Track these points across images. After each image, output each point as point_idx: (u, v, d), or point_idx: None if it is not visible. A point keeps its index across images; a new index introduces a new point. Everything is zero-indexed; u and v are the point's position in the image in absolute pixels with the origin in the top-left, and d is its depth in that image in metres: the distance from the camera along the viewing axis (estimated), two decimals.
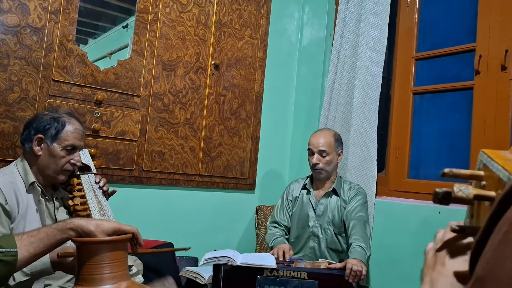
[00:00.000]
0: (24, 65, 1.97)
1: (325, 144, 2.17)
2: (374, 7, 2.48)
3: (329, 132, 2.25)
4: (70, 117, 1.58)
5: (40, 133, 1.50)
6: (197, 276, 1.99)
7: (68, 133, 1.53)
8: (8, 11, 1.93)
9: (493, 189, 0.50)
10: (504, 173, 0.47)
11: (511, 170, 0.47)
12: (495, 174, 0.50)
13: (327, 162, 2.17)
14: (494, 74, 2.08)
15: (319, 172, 2.19)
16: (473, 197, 0.51)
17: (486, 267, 0.38)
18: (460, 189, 0.52)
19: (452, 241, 0.59)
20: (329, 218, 2.19)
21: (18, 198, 1.43)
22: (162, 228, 2.36)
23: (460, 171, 0.55)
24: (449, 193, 0.52)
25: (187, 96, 2.49)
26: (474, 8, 2.21)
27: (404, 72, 2.51)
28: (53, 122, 1.52)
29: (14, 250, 1.07)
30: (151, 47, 2.35)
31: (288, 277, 1.77)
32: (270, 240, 2.21)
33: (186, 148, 2.49)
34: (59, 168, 1.52)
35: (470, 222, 0.59)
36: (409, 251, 2.18)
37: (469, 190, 0.51)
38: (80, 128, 1.58)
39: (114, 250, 1.07)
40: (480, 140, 2.09)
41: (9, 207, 1.39)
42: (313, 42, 2.95)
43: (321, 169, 2.18)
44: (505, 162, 0.50)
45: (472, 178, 0.57)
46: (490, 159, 0.53)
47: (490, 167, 0.52)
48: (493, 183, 0.50)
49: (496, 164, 0.50)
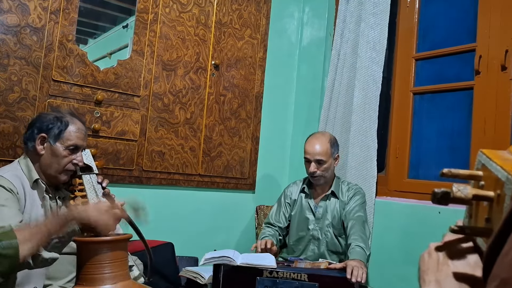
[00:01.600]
0: (24, 65, 1.97)
1: (321, 152, 2.12)
2: (374, 7, 2.48)
3: (324, 137, 2.18)
4: (73, 117, 1.59)
5: (43, 132, 1.51)
6: (197, 276, 1.99)
7: (71, 133, 1.53)
8: (8, 11, 1.93)
9: (492, 189, 0.50)
10: (503, 173, 0.47)
11: (509, 170, 0.47)
12: (493, 174, 0.50)
13: (324, 169, 2.14)
14: (494, 74, 2.08)
15: (318, 179, 2.17)
16: (472, 197, 0.51)
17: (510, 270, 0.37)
18: (459, 189, 0.52)
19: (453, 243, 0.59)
20: (328, 220, 2.18)
21: (25, 192, 1.44)
22: (162, 228, 2.35)
23: (459, 171, 0.55)
24: (447, 193, 0.52)
25: (187, 96, 2.49)
26: (474, 8, 2.21)
27: (404, 72, 2.51)
28: (56, 122, 1.53)
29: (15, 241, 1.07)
30: (151, 47, 2.35)
31: (288, 278, 1.76)
32: (259, 239, 2.21)
33: (186, 148, 2.49)
34: (61, 168, 1.52)
35: (469, 222, 0.59)
36: (409, 251, 2.18)
37: (468, 190, 0.51)
38: (82, 128, 1.58)
39: (114, 250, 1.07)
40: (480, 140, 2.09)
41: (19, 198, 1.41)
42: (313, 42, 2.95)
43: (319, 176, 2.15)
44: (504, 162, 0.50)
45: (470, 178, 0.56)
46: (488, 159, 0.53)
47: (489, 167, 0.52)
48: (492, 183, 0.50)
49: (494, 164, 0.50)
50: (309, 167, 2.14)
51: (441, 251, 0.59)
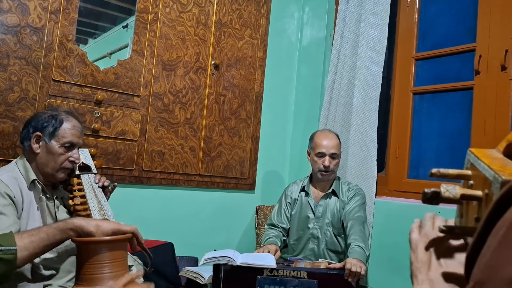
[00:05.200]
0: (24, 65, 1.97)
1: (335, 146, 2.18)
2: (374, 7, 2.48)
3: (334, 134, 2.26)
4: (68, 115, 1.59)
5: (38, 131, 1.51)
6: (197, 276, 1.99)
7: (65, 130, 1.53)
8: (8, 11, 1.93)
9: (480, 188, 0.50)
10: (490, 172, 0.47)
11: (496, 169, 0.47)
12: (481, 173, 0.50)
13: (336, 163, 2.20)
14: (494, 74, 2.08)
15: (329, 175, 2.19)
16: (460, 197, 0.51)
17: (485, 271, 0.37)
18: (447, 189, 0.52)
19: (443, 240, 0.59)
20: (328, 219, 2.19)
21: (23, 193, 1.44)
22: (162, 228, 2.36)
23: (447, 171, 0.55)
24: (437, 193, 0.52)
25: (187, 96, 2.49)
26: (474, 8, 2.21)
27: (404, 72, 2.51)
28: (51, 120, 1.53)
29: (14, 248, 1.07)
30: (151, 47, 2.35)
31: (288, 276, 1.77)
32: (263, 241, 2.23)
33: (186, 148, 2.49)
34: (58, 166, 1.52)
35: (460, 221, 0.59)
36: (409, 251, 2.17)
37: (456, 190, 0.51)
38: (78, 126, 1.58)
39: (114, 250, 1.07)
40: (480, 140, 2.09)
41: (16, 201, 1.40)
42: (313, 42, 2.95)
43: (332, 171, 2.18)
44: (491, 161, 0.50)
45: (459, 178, 0.56)
46: (476, 158, 0.53)
47: (477, 166, 0.52)
48: (480, 182, 0.50)
49: (482, 163, 0.50)
50: (323, 162, 2.16)
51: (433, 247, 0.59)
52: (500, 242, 0.37)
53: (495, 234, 0.38)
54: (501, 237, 0.37)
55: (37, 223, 1.42)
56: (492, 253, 0.37)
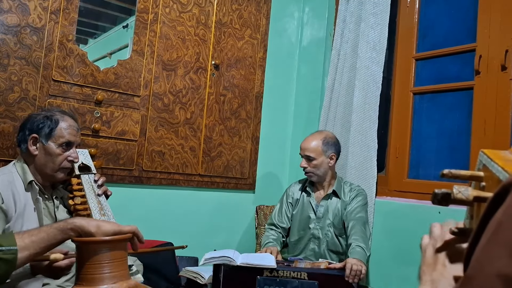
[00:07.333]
0: (24, 65, 1.97)
1: (310, 149, 2.18)
2: (374, 7, 2.48)
3: (320, 135, 2.24)
4: (63, 114, 1.58)
5: (34, 133, 1.50)
6: (197, 276, 1.99)
7: (62, 129, 1.53)
8: (8, 11, 1.93)
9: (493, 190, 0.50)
10: (504, 174, 0.47)
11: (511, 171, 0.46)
12: (495, 175, 0.49)
13: (314, 166, 2.18)
14: (494, 74, 2.08)
15: (310, 175, 2.22)
16: (473, 199, 0.50)
17: (474, 266, 0.39)
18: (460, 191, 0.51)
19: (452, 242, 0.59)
20: (329, 220, 2.19)
21: (16, 197, 1.43)
22: (162, 228, 2.36)
23: (459, 172, 0.54)
24: (448, 194, 0.52)
25: (187, 96, 2.49)
26: (474, 8, 2.21)
27: (404, 72, 2.51)
28: (46, 121, 1.52)
29: (14, 248, 1.07)
30: (151, 47, 2.35)
31: (288, 277, 1.77)
32: (263, 243, 2.23)
33: (186, 148, 2.49)
34: (57, 166, 1.52)
35: (470, 223, 0.58)
36: (409, 251, 2.18)
37: (469, 192, 0.51)
38: (74, 124, 1.58)
39: (114, 249, 1.07)
40: (480, 140, 2.09)
41: (5, 206, 1.40)
42: (313, 42, 2.95)
43: (310, 172, 2.20)
44: (505, 163, 0.49)
45: (471, 179, 0.56)
46: (490, 159, 0.52)
47: (490, 168, 0.51)
48: (493, 184, 0.50)
49: (496, 165, 0.50)
50: (301, 163, 2.23)
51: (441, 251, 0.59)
52: (489, 239, 0.38)
53: (486, 233, 0.39)
54: (490, 234, 0.38)
55: (33, 224, 1.42)
56: (482, 249, 0.38)
